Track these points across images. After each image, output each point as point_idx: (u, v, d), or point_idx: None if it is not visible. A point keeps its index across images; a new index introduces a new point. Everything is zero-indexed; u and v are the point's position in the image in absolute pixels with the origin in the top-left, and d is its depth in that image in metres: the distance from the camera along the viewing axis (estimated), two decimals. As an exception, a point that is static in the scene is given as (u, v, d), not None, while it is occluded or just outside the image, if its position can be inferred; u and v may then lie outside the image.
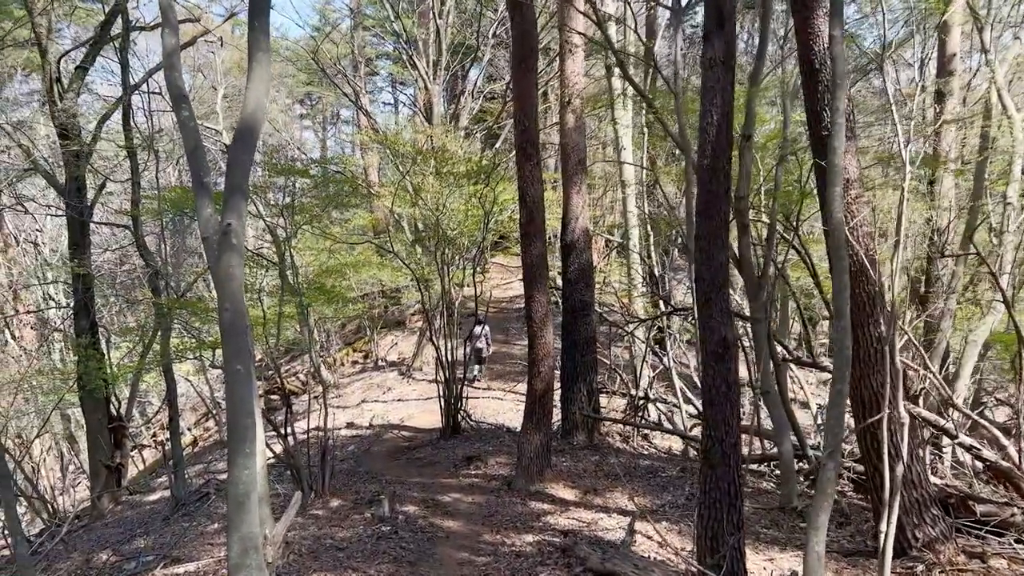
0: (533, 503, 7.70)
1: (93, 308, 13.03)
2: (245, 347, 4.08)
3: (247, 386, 4.05)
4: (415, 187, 11.21)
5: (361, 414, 15.18)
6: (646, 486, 8.44)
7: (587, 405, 10.30)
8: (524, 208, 8.03)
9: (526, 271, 8.18)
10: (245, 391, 4.04)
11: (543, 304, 8.19)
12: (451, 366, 11.63)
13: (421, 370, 17.74)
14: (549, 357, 8.27)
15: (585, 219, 10.42)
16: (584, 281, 10.37)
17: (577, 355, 10.33)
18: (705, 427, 4.49)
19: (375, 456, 11.51)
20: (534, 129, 7.92)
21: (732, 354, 4.40)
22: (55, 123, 12.42)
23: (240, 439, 3.99)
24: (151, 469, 17.42)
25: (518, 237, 18.88)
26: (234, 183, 4.23)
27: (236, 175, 4.26)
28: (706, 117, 4.46)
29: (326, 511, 7.94)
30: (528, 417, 8.36)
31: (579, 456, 9.78)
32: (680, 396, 10.47)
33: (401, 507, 7.67)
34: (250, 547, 3.93)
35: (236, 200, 4.20)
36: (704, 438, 4.50)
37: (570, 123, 10.22)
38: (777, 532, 7.03)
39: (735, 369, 4.42)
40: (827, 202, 4.09)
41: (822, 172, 5.80)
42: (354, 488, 8.97)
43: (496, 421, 12.72)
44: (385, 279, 17.05)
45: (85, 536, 10.81)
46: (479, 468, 9.42)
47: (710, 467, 4.44)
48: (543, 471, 8.31)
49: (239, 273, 4.10)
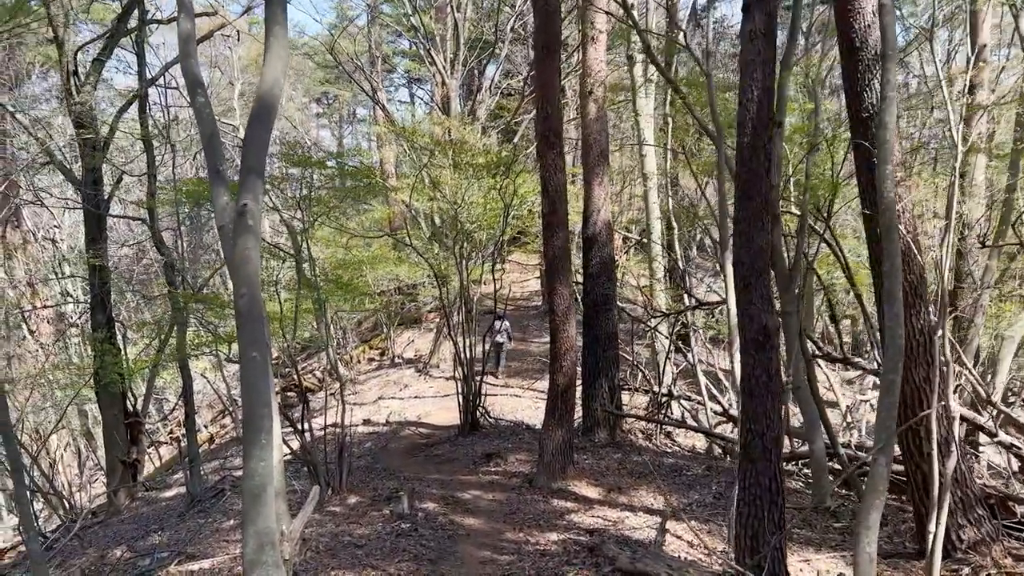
0: (556, 501, 7.48)
1: (109, 303, 12.96)
2: (261, 334, 3.90)
3: (263, 375, 3.87)
4: (433, 180, 11.01)
5: (378, 411, 15.03)
6: (672, 484, 8.19)
7: (609, 402, 10.06)
8: (546, 198, 7.81)
9: (548, 263, 7.96)
10: (261, 380, 3.86)
11: (566, 297, 7.96)
12: (469, 363, 11.45)
13: (438, 367, 17.58)
14: (572, 351, 8.04)
15: (607, 212, 10.18)
16: (606, 275, 10.14)
17: (599, 350, 10.09)
18: (744, 420, 4.24)
19: (392, 453, 11.34)
20: (557, 117, 7.70)
21: (773, 342, 4.16)
22: (71, 116, 12.36)
23: (256, 430, 3.80)
24: (168, 465, 17.37)
25: (536, 233, 18.75)
26: (250, 163, 4.05)
27: (252, 154, 4.08)
28: (746, 92, 4.22)
29: (344, 508, 7.76)
30: (550, 413, 8.13)
31: (601, 454, 9.54)
32: (705, 393, 10.19)
33: (420, 504, 7.48)
34: (266, 543, 3.74)
35: (252, 180, 4.01)
36: (743, 431, 4.26)
37: (592, 113, 9.99)
38: (811, 532, 6.76)
39: (776, 359, 4.18)
40: (879, 180, 3.84)
41: (862, 155, 5.54)
42: (372, 485, 8.80)
43: (515, 418, 12.51)
44: (402, 275, 16.89)
45: (101, 532, 10.74)
46: (499, 465, 9.21)
47: (750, 462, 4.19)
48: (565, 468, 8.09)
49: (255, 256, 3.92)
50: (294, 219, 8.70)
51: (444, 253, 13.04)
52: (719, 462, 9.81)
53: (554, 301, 7.99)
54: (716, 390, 10.82)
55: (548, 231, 7.85)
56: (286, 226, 9.09)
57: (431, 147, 10.61)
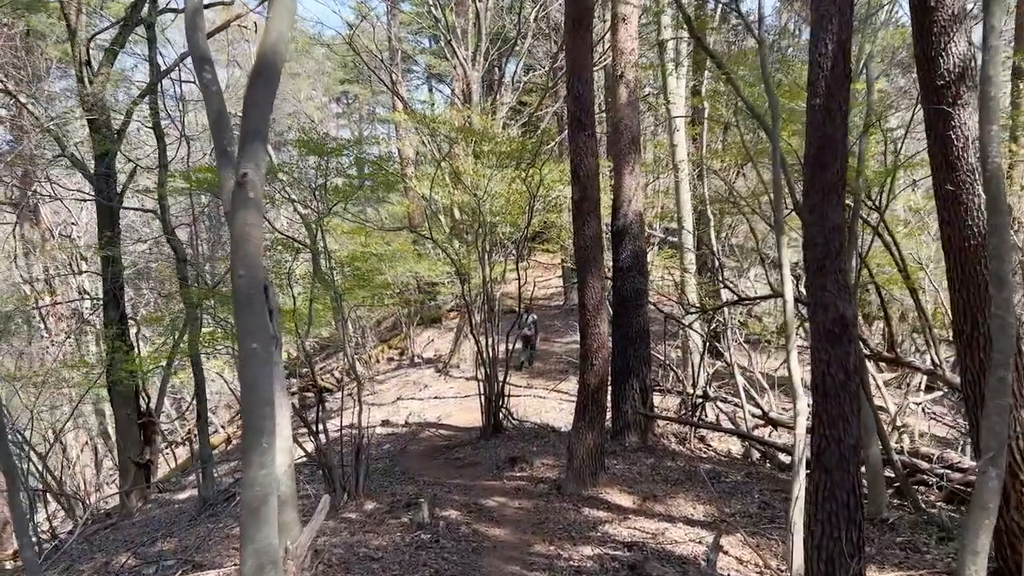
0: (587, 510, 6.93)
1: (122, 299, 12.62)
2: (263, 323, 3.41)
3: (265, 368, 3.38)
4: (454, 170, 10.51)
5: (397, 412, 14.58)
6: (710, 493, 7.60)
7: (641, 403, 9.50)
8: (577, 183, 7.27)
9: (579, 253, 7.42)
10: (262, 374, 3.37)
11: (597, 290, 7.41)
12: (491, 362, 10.94)
13: (458, 367, 17.10)
14: (604, 349, 7.49)
15: (639, 202, 9.62)
16: (637, 268, 9.58)
17: (630, 349, 9.54)
18: (818, 424, 3.68)
19: (411, 455, 10.86)
20: (589, 96, 7.15)
21: (851, 334, 3.59)
22: (84, 107, 12.03)
23: (256, 432, 3.31)
24: (184, 467, 17.04)
25: (561, 227, 18.20)
26: (252, 127, 3.55)
27: (254, 118, 3.58)
28: (819, 48, 3.66)
29: (360, 514, 7.28)
30: (580, 415, 7.59)
31: (632, 458, 8.99)
32: (743, 395, 9.58)
33: (441, 512, 6.96)
34: (266, 562, 3.24)
35: (254, 147, 3.52)
36: (817, 437, 3.69)
37: (623, 98, 9.43)
38: (869, 548, 6.15)
39: (855, 353, 3.61)
40: (983, 144, 3.27)
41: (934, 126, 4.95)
42: (390, 490, 8.32)
43: (540, 420, 11.98)
44: (422, 272, 16.44)
45: (111, 535, 10.41)
46: (524, 470, 8.69)
47: (825, 472, 3.62)
48: (597, 474, 7.54)
49: (257, 233, 3.44)
50: (308, 207, 8.24)
51: (465, 249, 12.57)
52: (758, 468, 9.22)
53: (585, 295, 7.44)
54: (755, 391, 10.20)
55: (579, 219, 7.31)
56: (300, 216, 8.66)
57: (452, 135, 10.08)
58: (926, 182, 9.30)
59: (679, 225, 12.02)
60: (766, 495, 7.55)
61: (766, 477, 8.47)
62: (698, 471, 8.46)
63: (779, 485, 8.00)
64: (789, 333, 5.05)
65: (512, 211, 10.71)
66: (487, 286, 11.00)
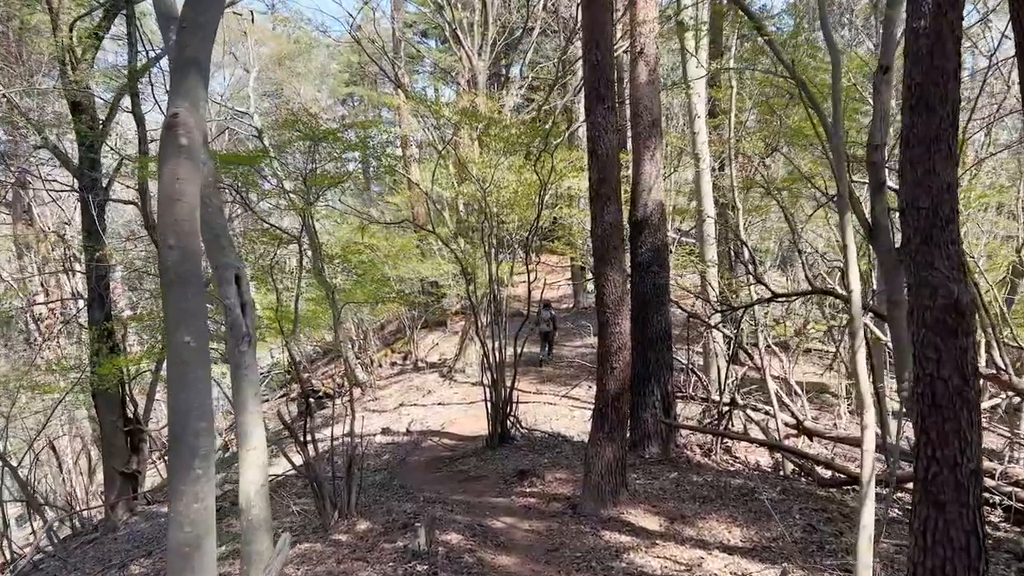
0: (607, 533, 6.09)
1: (109, 299, 11.88)
2: (198, 308, 2.60)
3: (199, 371, 2.56)
4: (459, 160, 9.71)
5: (398, 419, 13.78)
6: (745, 512, 6.74)
7: (662, 411, 8.66)
8: (595, 164, 6.44)
9: (597, 242, 6.58)
10: (197, 379, 2.55)
11: (618, 283, 6.58)
12: (498, 366, 10.13)
13: (464, 371, 16.30)
14: (625, 350, 6.65)
15: (659, 191, 8.80)
16: (658, 263, 8.76)
17: (650, 351, 8.71)
18: (924, 443, 2.83)
19: (412, 467, 10.05)
20: (608, 64, 6.34)
21: (967, 326, 2.75)
22: (67, 96, 11.32)
23: (186, 453, 2.49)
24: (175, 476, 16.25)
25: (570, 227, 17.41)
26: (188, 55, 2.74)
27: (192, 44, 2.77)
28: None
29: (351, 536, 6.47)
30: (598, 424, 6.76)
31: (654, 472, 8.15)
32: (775, 401, 8.72)
33: (442, 535, 6.13)
34: (197, 631, 2.43)
35: (190, 80, 2.71)
36: (923, 460, 2.83)
37: (642, 76, 8.62)
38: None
39: (973, 350, 2.77)
40: None
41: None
42: (386, 507, 7.50)
43: (550, 429, 11.15)
44: (426, 272, 15.68)
45: (91, 551, 9.67)
46: (535, 485, 7.85)
47: (935, 507, 2.77)
48: (617, 492, 6.69)
49: (192, 191, 2.63)
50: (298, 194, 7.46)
51: (471, 246, 11.80)
52: (793, 482, 8.35)
53: (604, 289, 6.60)
54: (788, 398, 9.32)
55: (597, 204, 6.47)
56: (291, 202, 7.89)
57: (455, 119, 9.25)
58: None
59: (698, 218, 11.18)
60: (808, 515, 6.69)
61: (804, 494, 7.60)
62: (728, 487, 7.61)
63: (820, 503, 7.15)
64: (855, 328, 4.22)
65: (521, 203, 9.90)
66: (493, 285, 10.20)
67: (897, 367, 5.99)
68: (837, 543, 5.76)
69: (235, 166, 7.31)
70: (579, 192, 15.57)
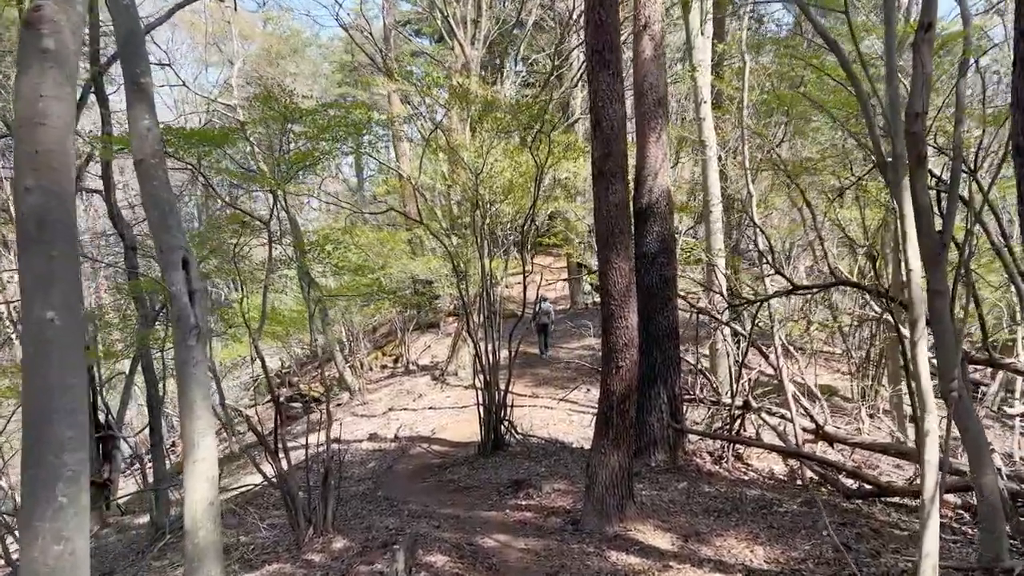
0: (614, 554, 5.37)
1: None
2: (66, 272, 1.89)
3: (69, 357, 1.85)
4: (449, 145, 9.01)
5: (387, 424, 13.05)
6: (766, 528, 6.04)
7: (669, 415, 7.97)
8: (599, 137, 5.74)
9: (601, 226, 5.88)
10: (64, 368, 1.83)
11: (624, 272, 5.87)
12: (492, 368, 9.44)
13: (456, 374, 15.61)
14: (632, 346, 5.95)
15: (666, 176, 8.11)
16: (665, 254, 8.07)
17: (656, 350, 8.02)
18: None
19: (398, 476, 9.34)
20: (614, 25, 5.65)
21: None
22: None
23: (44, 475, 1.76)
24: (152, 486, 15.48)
25: (567, 221, 16.71)
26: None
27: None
28: None
29: (325, 556, 5.75)
30: (602, 430, 6.05)
31: (661, 482, 7.45)
32: (793, 405, 8.02)
33: (426, 555, 5.40)
34: None
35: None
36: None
37: (647, 52, 7.94)
38: (996, 611, 4.60)
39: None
40: None
41: None
42: (367, 522, 6.79)
43: (547, 435, 10.44)
44: (416, 270, 14.97)
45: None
46: (531, 497, 7.14)
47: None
48: (624, 506, 5.98)
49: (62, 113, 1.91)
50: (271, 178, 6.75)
51: (463, 242, 11.11)
52: (813, 493, 7.65)
53: (608, 278, 5.90)
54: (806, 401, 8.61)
55: (601, 182, 5.77)
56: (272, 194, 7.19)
57: (447, 93, 8.54)
58: None
59: (705, 207, 10.48)
60: (837, 531, 5.98)
61: (828, 506, 6.90)
62: (745, 498, 6.91)
63: (847, 517, 6.46)
64: (915, 318, 3.53)
65: (515, 192, 9.20)
66: (486, 281, 9.51)
67: (940, 364, 5.29)
68: (876, 566, 5.05)
69: (199, 145, 6.59)
70: (576, 186, 14.90)
